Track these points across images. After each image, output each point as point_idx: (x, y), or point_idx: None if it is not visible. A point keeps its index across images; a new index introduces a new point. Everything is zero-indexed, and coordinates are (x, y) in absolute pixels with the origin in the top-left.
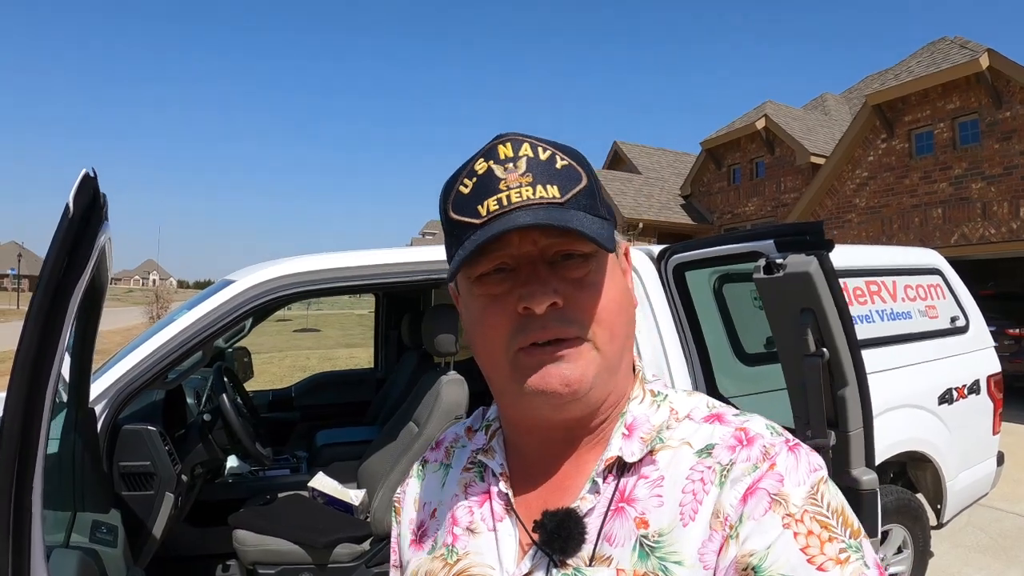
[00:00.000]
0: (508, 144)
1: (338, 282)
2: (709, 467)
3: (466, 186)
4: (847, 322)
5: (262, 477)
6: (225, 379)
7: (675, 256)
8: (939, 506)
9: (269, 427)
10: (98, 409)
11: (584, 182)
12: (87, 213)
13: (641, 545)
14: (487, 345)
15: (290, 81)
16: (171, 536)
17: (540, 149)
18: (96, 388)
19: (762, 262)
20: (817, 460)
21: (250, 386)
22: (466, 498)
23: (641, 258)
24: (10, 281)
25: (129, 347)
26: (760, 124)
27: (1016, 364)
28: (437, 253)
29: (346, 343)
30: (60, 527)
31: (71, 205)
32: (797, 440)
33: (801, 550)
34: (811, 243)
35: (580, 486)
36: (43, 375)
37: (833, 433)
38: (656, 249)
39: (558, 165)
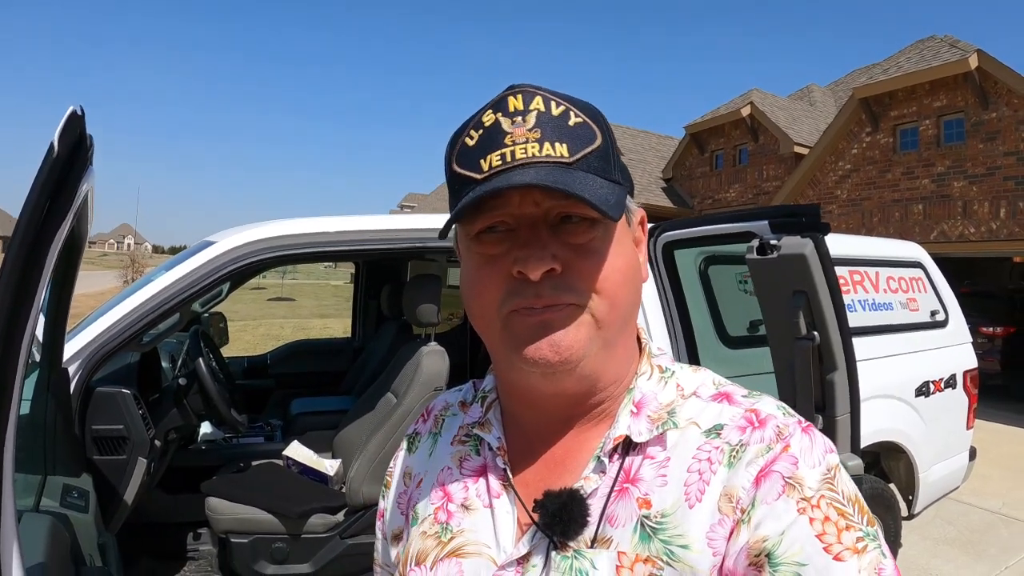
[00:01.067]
0: (519, 96)
1: (318, 247)
2: (717, 447)
3: (472, 138)
4: (839, 306)
5: (236, 444)
6: (201, 343)
7: (666, 234)
8: (911, 497)
9: (244, 394)
10: (71, 370)
11: (598, 142)
12: (72, 154)
13: (642, 526)
14: (480, 306)
15: (274, 50)
16: (143, 502)
17: (553, 103)
18: (70, 348)
19: (756, 243)
20: (830, 443)
21: (225, 352)
22: (460, 473)
23: None
24: None
25: (104, 308)
26: (745, 111)
27: (989, 362)
28: (419, 221)
29: (320, 313)
30: (30, 491)
31: (56, 144)
32: (809, 422)
33: (817, 537)
34: (807, 225)
35: (582, 464)
36: (19, 329)
37: (820, 417)
38: None
39: (571, 122)
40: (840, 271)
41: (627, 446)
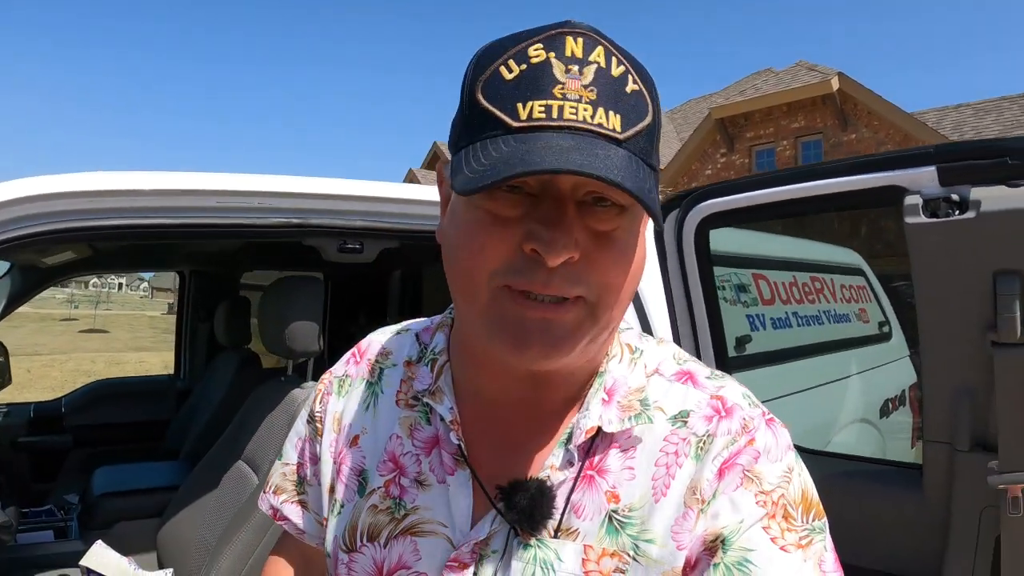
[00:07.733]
0: (579, 39)
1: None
2: (684, 438)
3: (511, 70)
4: None
5: (13, 546)
6: None
7: (703, 205)
8: None
9: (30, 457)
10: None
11: (648, 119)
12: None
13: (611, 520)
14: (468, 267)
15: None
16: None
17: (615, 60)
18: None
19: (918, 200)
20: (789, 437)
21: (9, 395)
22: (412, 444)
23: None
24: None
25: None
26: None
27: None
28: (297, 184)
29: (136, 346)
30: None
31: None
32: (771, 413)
33: (764, 529)
34: (1014, 169)
35: (547, 449)
36: None
37: None
38: None
39: (628, 88)
40: (802, 277)
41: (594, 435)
